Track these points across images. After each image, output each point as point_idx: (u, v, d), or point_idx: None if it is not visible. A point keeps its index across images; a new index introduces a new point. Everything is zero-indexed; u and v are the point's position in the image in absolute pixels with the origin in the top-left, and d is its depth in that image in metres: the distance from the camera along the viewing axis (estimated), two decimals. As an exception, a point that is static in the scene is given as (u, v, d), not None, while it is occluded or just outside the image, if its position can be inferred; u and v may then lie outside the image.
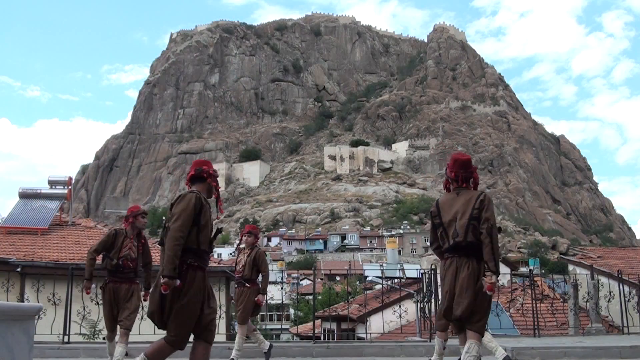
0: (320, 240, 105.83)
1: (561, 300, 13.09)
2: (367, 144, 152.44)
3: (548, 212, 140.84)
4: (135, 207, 6.81)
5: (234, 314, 7.45)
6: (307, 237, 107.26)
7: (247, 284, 7.30)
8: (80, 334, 9.71)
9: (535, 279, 13.50)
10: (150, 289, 4.57)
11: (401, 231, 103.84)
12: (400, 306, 10.20)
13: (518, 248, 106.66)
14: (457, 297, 4.66)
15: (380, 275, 18.94)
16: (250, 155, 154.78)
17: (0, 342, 3.33)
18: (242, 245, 7.57)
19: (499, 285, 12.53)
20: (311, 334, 10.36)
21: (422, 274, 10.81)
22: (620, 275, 10.99)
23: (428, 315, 10.18)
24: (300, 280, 35.35)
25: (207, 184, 4.58)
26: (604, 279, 12.81)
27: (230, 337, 12.44)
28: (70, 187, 15.11)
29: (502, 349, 5.55)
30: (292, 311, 34.13)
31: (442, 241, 4.87)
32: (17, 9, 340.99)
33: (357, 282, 34.72)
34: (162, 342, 4.22)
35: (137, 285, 6.46)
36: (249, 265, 7.28)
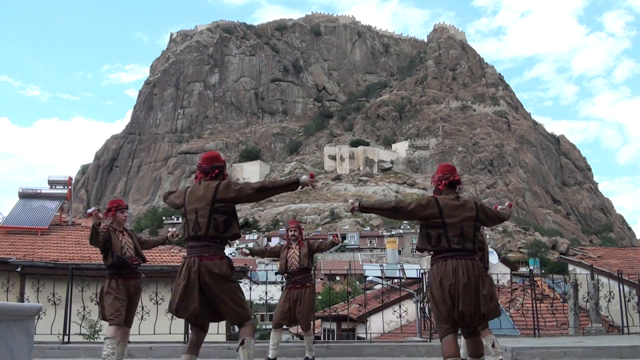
0: (320, 240, 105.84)
1: (561, 300, 13.10)
2: (367, 144, 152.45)
3: (548, 212, 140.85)
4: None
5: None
6: (307, 237, 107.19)
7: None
8: (80, 334, 9.71)
9: (535, 279, 13.50)
10: None
11: (401, 231, 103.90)
12: (400, 306, 10.19)
13: (518, 248, 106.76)
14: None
15: (380, 275, 18.97)
16: (250, 155, 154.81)
17: (0, 342, 3.33)
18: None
19: (499, 285, 12.56)
20: (311, 334, 10.34)
21: (422, 274, 10.81)
22: (620, 275, 10.99)
23: (428, 315, 10.18)
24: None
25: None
26: (604, 279, 12.81)
27: (230, 337, 12.43)
28: (70, 187, 15.11)
29: None
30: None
31: None
32: (17, 9, 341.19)
33: (357, 282, 34.69)
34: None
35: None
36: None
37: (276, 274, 7.49)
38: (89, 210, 5.70)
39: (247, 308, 4.63)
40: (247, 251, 7.76)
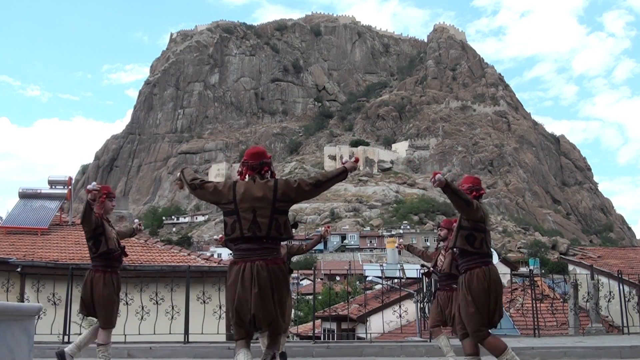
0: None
1: (561, 300, 13.11)
2: (367, 144, 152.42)
3: (548, 212, 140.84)
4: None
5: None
6: (307, 237, 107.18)
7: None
8: (80, 334, 9.70)
9: (535, 279, 13.51)
10: None
11: (401, 231, 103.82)
12: (400, 306, 10.20)
13: (518, 248, 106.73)
14: None
15: (380, 275, 18.95)
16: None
17: (0, 342, 3.33)
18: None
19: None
20: (311, 334, 10.37)
21: (422, 274, 10.79)
22: (620, 275, 10.99)
23: (428, 315, 10.17)
24: (300, 280, 35.37)
25: None
26: (604, 279, 12.82)
27: (230, 337, 12.42)
28: (70, 187, 15.12)
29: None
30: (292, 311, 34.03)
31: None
32: (17, 8, 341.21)
33: (357, 282, 34.71)
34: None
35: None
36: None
37: None
38: (90, 186, 5.45)
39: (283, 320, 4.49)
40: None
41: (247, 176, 4.40)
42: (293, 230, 4.48)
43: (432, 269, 7.04)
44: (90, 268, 5.70)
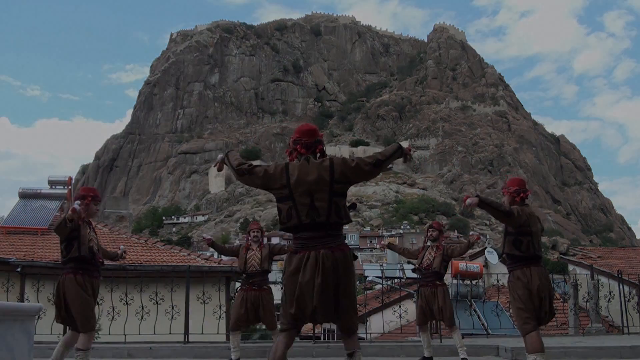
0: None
1: (561, 300, 13.10)
2: (367, 144, 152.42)
3: (548, 212, 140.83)
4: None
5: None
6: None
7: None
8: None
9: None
10: None
11: (401, 231, 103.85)
12: (400, 306, 10.20)
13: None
14: None
15: (380, 275, 18.93)
16: (250, 155, 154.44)
17: (0, 342, 3.33)
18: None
19: (499, 285, 12.53)
20: (311, 334, 10.36)
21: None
22: (620, 275, 11.00)
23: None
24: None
25: None
26: (604, 279, 12.81)
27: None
28: (70, 187, 15.14)
29: None
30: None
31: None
32: (18, 8, 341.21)
33: (357, 282, 34.71)
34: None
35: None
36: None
37: (236, 272, 7.39)
38: (76, 206, 5.17)
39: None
40: (210, 238, 7.40)
41: (298, 156, 3.98)
42: (351, 211, 4.14)
43: (417, 265, 7.31)
44: (63, 272, 5.44)
